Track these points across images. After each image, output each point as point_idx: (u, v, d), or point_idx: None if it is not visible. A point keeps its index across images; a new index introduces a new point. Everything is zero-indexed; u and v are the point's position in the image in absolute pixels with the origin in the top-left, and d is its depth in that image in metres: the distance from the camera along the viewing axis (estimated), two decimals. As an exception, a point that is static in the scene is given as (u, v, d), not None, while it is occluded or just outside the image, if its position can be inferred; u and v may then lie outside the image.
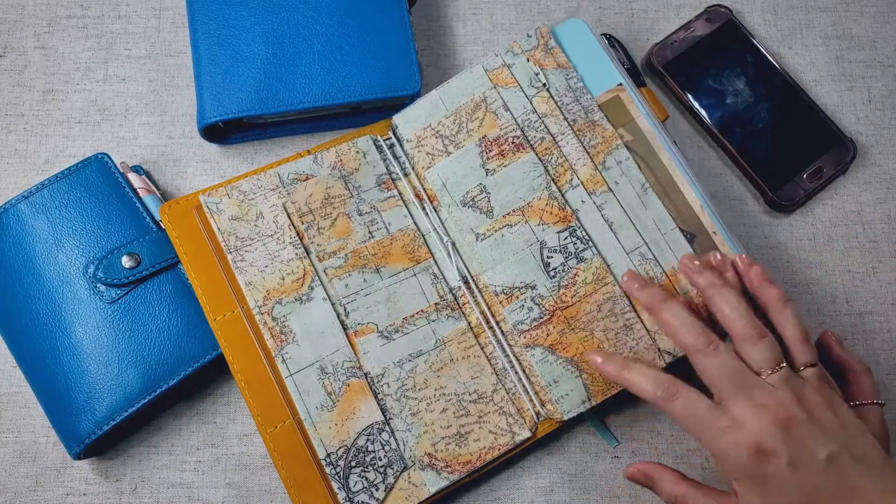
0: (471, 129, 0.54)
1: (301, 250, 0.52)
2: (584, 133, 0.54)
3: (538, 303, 0.51)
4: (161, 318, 0.53)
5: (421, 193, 0.55)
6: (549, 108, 0.54)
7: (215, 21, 0.58)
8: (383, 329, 0.51)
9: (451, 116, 0.54)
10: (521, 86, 0.55)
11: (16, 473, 0.54)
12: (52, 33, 0.63)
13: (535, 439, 0.51)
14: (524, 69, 0.55)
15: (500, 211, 0.53)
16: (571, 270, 0.51)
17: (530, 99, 0.55)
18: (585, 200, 0.53)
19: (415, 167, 0.55)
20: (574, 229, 0.52)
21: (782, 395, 0.43)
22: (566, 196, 0.53)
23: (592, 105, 0.54)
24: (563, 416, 0.50)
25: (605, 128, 0.54)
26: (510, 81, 0.55)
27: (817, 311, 0.58)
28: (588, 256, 0.52)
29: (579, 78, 0.55)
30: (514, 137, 0.54)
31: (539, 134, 0.54)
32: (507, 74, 0.55)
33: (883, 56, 0.64)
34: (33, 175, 0.60)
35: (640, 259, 0.52)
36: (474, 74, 0.55)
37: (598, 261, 0.52)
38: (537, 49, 0.56)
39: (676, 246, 0.52)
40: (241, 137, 0.61)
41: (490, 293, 0.52)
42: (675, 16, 0.64)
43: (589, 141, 0.54)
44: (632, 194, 0.53)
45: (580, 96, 0.54)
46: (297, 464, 0.50)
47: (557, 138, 0.54)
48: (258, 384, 0.51)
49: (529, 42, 0.56)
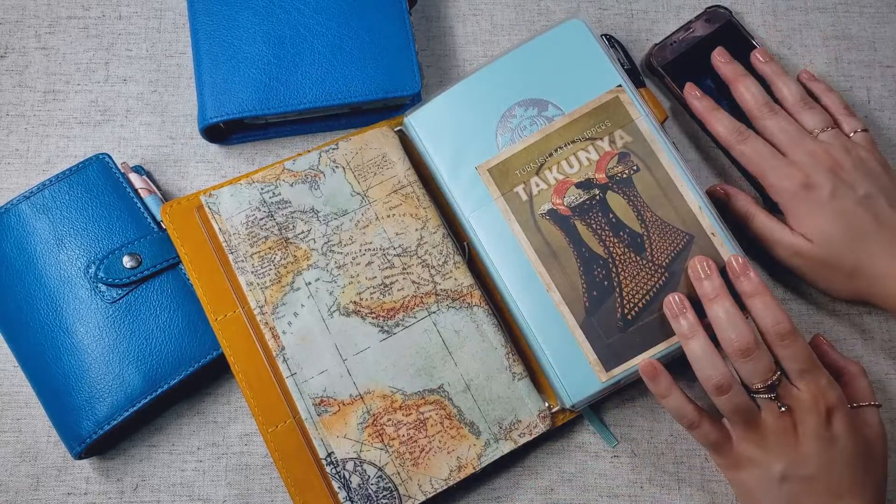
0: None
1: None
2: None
3: None
4: (162, 318, 0.53)
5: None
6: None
7: (216, 22, 0.58)
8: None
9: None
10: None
11: (17, 473, 0.55)
12: (54, 34, 0.63)
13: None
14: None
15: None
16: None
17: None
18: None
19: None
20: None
21: (833, 147, 0.53)
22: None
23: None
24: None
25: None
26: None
27: (817, 311, 0.58)
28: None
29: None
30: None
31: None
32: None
33: (882, 56, 0.64)
34: (34, 175, 0.60)
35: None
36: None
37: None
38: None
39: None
40: (241, 138, 0.61)
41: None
42: (675, 16, 0.65)
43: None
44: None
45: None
46: (297, 463, 0.50)
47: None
48: (259, 384, 0.51)
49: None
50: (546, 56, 0.56)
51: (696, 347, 0.49)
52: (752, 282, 0.49)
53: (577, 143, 0.55)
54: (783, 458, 0.47)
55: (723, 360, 0.48)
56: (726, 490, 0.55)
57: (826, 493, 0.47)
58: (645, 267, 0.53)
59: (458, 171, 0.55)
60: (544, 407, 0.52)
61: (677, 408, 0.50)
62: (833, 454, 0.47)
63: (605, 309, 0.52)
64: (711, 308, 0.49)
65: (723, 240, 0.52)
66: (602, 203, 0.54)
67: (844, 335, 0.58)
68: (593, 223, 0.54)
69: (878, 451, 0.49)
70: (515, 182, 0.55)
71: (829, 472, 0.47)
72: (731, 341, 0.48)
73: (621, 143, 0.55)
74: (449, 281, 0.53)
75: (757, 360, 0.47)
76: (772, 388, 0.47)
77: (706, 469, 0.55)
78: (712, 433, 0.49)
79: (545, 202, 0.54)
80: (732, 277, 0.50)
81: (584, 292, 0.53)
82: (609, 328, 0.52)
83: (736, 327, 0.48)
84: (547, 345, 0.52)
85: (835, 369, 0.51)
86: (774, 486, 0.48)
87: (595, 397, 0.52)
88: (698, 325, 0.49)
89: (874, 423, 0.49)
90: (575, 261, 0.53)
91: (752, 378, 0.47)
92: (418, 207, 0.55)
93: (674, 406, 0.50)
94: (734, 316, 0.48)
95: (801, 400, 0.47)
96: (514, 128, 0.56)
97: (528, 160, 0.55)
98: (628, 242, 0.53)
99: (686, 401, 0.50)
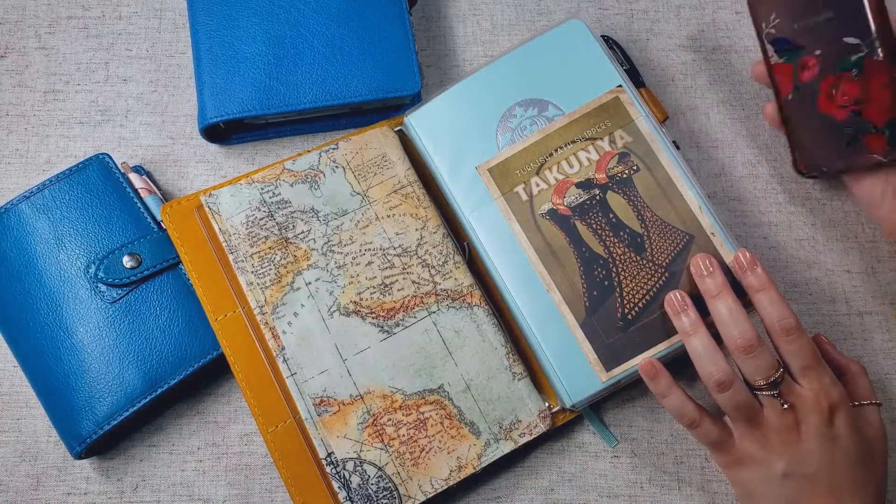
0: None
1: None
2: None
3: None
4: (162, 318, 0.53)
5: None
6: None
7: (216, 22, 0.58)
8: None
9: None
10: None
11: (17, 473, 0.55)
12: (54, 34, 0.63)
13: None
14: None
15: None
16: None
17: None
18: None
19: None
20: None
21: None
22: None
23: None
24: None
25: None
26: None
27: (816, 311, 0.58)
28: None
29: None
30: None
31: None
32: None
33: (882, 57, 0.64)
34: (34, 175, 0.60)
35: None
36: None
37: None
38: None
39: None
40: (241, 138, 0.61)
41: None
42: (675, 16, 0.65)
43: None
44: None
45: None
46: (297, 463, 0.50)
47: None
48: (259, 384, 0.51)
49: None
50: (546, 56, 0.57)
51: (698, 344, 0.49)
52: (760, 277, 0.49)
53: (578, 143, 0.55)
54: (785, 455, 0.47)
55: (724, 356, 0.48)
56: (726, 490, 0.55)
57: (827, 491, 0.47)
58: (645, 267, 0.53)
59: (458, 171, 0.55)
60: (544, 407, 0.52)
61: (677, 407, 0.50)
62: (835, 453, 0.47)
63: (606, 309, 0.52)
64: (714, 305, 0.49)
65: (723, 240, 0.52)
66: (602, 203, 0.54)
67: (844, 336, 0.58)
68: (593, 223, 0.54)
69: (878, 451, 0.49)
70: (515, 182, 0.55)
71: (830, 470, 0.47)
72: (734, 338, 0.48)
73: (621, 143, 0.55)
74: (449, 281, 0.53)
75: (760, 356, 0.47)
76: (774, 384, 0.47)
77: (706, 469, 0.55)
78: (713, 432, 0.49)
79: (545, 202, 0.54)
80: (739, 272, 0.50)
81: (585, 292, 0.53)
82: (609, 328, 0.52)
83: (739, 324, 0.48)
84: (547, 345, 0.52)
85: (836, 368, 0.51)
86: (776, 484, 0.48)
87: (595, 397, 0.52)
88: (700, 321, 0.49)
89: (875, 422, 0.49)
90: (575, 261, 0.53)
91: (755, 375, 0.47)
92: (418, 207, 0.55)
93: (674, 405, 0.50)
94: (737, 313, 0.48)
95: (804, 397, 0.47)
96: (514, 128, 0.56)
97: (529, 160, 0.55)
98: (628, 242, 0.53)
99: (686, 400, 0.50)
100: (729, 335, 0.48)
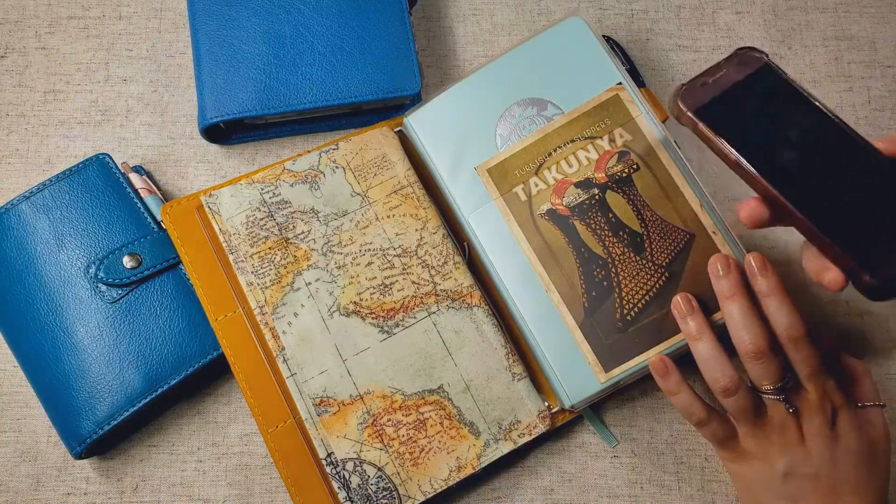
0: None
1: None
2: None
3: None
4: (162, 318, 0.53)
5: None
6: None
7: (216, 22, 0.58)
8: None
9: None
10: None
11: (17, 473, 0.55)
12: (54, 34, 0.63)
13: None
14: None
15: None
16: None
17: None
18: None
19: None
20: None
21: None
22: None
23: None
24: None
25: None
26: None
27: (817, 312, 0.58)
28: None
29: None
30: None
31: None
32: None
33: (882, 56, 0.64)
34: (34, 175, 0.60)
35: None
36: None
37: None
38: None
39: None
40: (241, 138, 0.61)
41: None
42: (675, 16, 0.64)
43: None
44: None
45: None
46: (297, 463, 0.50)
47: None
48: (259, 384, 0.51)
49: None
50: (546, 54, 0.56)
51: (704, 349, 0.48)
52: (771, 281, 0.47)
53: (577, 142, 0.55)
54: (787, 455, 0.47)
55: (730, 361, 0.48)
56: (727, 490, 0.55)
57: (828, 491, 0.47)
58: (644, 267, 0.53)
59: (458, 172, 0.55)
60: (544, 407, 0.52)
61: (686, 406, 0.49)
62: (837, 453, 0.47)
63: (605, 309, 0.52)
64: (727, 306, 0.48)
65: (724, 239, 0.52)
66: (601, 203, 0.54)
67: (845, 336, 0.58)
68: (592, 223, 0.54)
69: (881, 451, 0.49)
70: (515, 182, 0.55)
71: (832, 470, 0.47)
72: (745, 343, 0.47)
73: (621, 142, 0.54)
74: (449, 281, 0.53)
75: (768, 363, 0.46)
76: (780, 390, 0.47)
77: (706, 469, 0.55)
78: (720, 430, 0.49)
79: (544, 202, 0.54)
80: (749, 275, 0.48)
81: (584, 292, 0.53)
82: (608, 329, 0.52)
83: (750, 329, 0.47)
84: (546, 345, 0.52)
85: (840, 368, 0.51)
86: (777, 483, 0.48)
87: (595, 398, 0.52)
88: (706, 325, 0.49)
89: (879, 423, 0.49)
90: (574, 261, 0.53)
91: (762, 380, 0.47)
92: (418, 208, 0.55)
93: (683, 404, 0.49)
94: (750, 317, 0.47)
95: (809, 401, 0.47)
96: (513, 127, 0.56)
97: (528, 160, 0.55)
98: (628, 242, 0.53)
99: (695, 399, 0.49)
100: (739, 339, 0.47)
